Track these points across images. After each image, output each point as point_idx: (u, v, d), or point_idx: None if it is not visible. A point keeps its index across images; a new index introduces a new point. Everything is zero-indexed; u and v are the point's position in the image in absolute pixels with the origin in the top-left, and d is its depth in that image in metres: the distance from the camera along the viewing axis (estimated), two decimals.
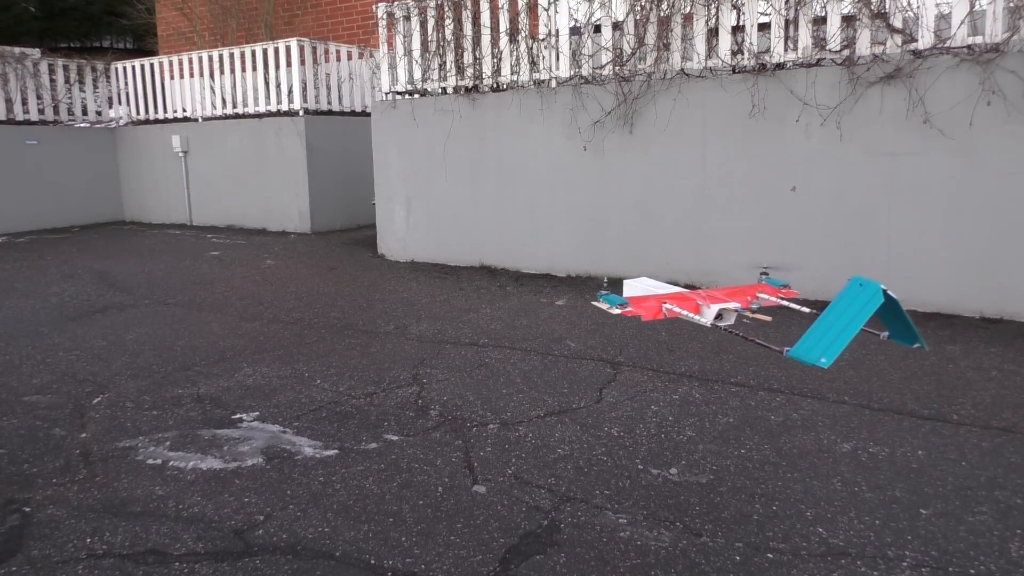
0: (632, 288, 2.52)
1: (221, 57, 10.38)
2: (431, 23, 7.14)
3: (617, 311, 2.34)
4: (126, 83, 11.52)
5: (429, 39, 7.21)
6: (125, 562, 2.30)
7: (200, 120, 10.77)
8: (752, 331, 2.51)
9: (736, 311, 2.35)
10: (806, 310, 2.51)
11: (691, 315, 2.31)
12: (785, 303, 2.49)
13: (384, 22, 7.48)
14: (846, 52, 5.14)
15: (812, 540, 2.34)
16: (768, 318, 2.41)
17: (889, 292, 2.18)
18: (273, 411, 3.53)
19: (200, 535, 2.44)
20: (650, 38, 5.88)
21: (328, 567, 2.25)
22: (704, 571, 2.19)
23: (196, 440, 3.21)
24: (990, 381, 3.71)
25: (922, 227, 5.02)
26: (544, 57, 6.53)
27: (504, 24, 6.67)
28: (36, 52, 11.03)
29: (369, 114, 8.44)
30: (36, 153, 10.62)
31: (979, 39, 4.74)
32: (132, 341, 4.80)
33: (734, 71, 5.65)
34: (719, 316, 2.33)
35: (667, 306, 2.33)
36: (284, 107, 9.77)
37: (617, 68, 6.09)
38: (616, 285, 2.48)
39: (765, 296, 2.47)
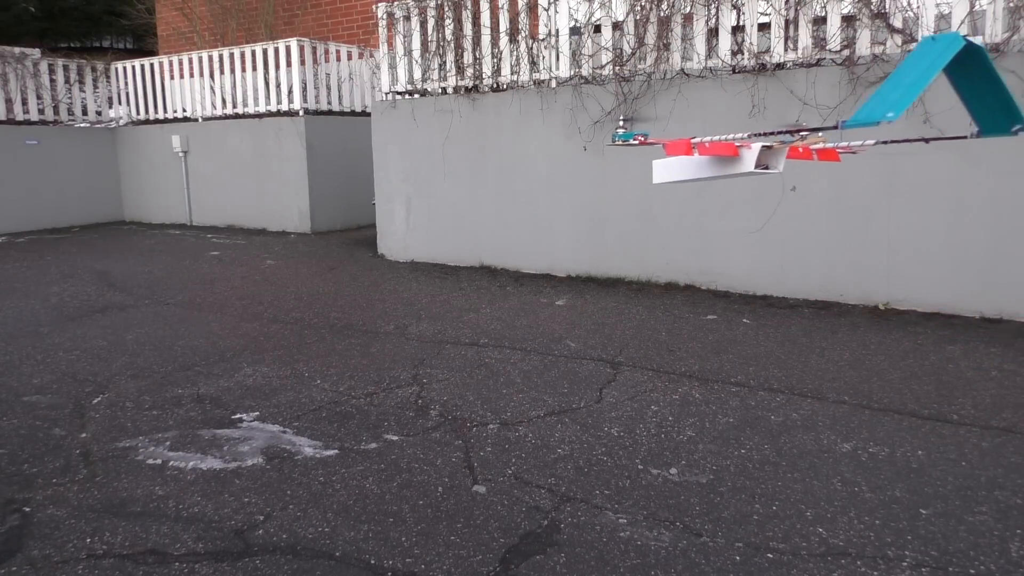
0: (660, 167, 2.19)
1: (221, 57, 10.38)
2: (431, 23, 7.14)
3: (635, 143, 2.12)
4: (126, 83, 11.52)
5: (429, 39, 7.21)
6: (125, 562, 2.30)
7: (200, 120, 10.77)
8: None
9: (783, 146, 1.98)
10: (869, 142, 2.16)
11: (725, 160, 1.95)
12: (845, 145, 2.10)
13: (384, 22, 7.48)
14: (846, 52, 5.14)
15: (812, 540, 2.34)
16: (822, 137, 2.03)
17: (971, 39, 1.74)
18: (273, 411, 3.53)
19: (200, 535, 2.44)
20: (650, 38, 5.88)
21: (328, 567, 2.25)
22: (704, 571, 2.19)
23: (196, 440, 3.21)
24: (990, 381, 3.71)
25: (922, 227, 5.02)
26: (544, 57, 6.53)
27: (504, 24, 6.67)
28: (36, 52, 11.02)
29: (369, 114, 8.44)
30: (36, 153, 10.62)
31: (979, 39, 4.74)
32: (132, 341, 4.80)
33: (734, 71, 5.65)
34: (764, 165, 1.99)
35: (697, 140, 2.04)
36: (284, 107, 9.77)
37: (617, 68, 6.09)
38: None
39: (818, 146, 2.15)
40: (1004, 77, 4.91)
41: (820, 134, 2.11)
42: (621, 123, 2.20)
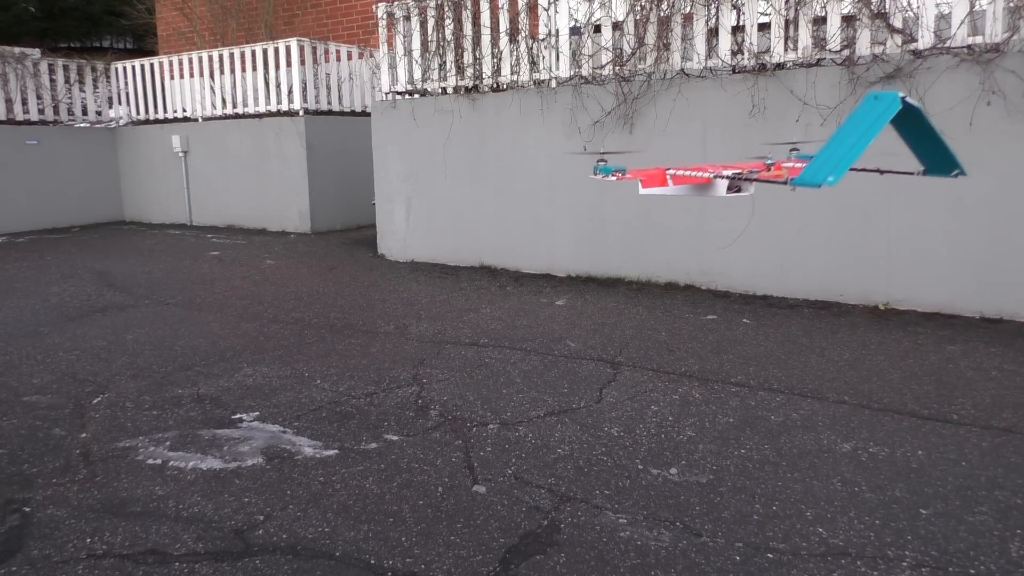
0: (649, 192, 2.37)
1: (221, 57, 10.38)
2: (431, 23, 7.14)
3: (612, 179, 2.20)
4: (126, 83, 11.52)
5: (429, 39, 7.21)
6: (125, 562, 2.30)
7: (200, 120, 10.77)
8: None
9: (752, 178, 2.18)
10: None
11: (701, 176, 2.12)
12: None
13: (384, 22, 7.48)
14: (846, 52, 5.14)
15: (812, 540, 2.34)
16: (783, 171, 2.22)
17: (909, 100, 1.92)
18: (273, 411, 3.53)
19: (200, 535, 2.44)
20: (650, 38, 5.88)
21: (328, 567, 2.25)
22: (704, 571, 2.19)
23: (196, 440, 3.21)
24: (990, 381, 3.71)
25: (922, 227, 5.02)
26: (544, 57, 6.53)
27: (504, 24, 6.66)
28: (36, 52, 11.02)
29: (369, 114, 8.44)
30: (36, 153, 10.62)
31: (979, 39, 4.74)
32: (132, 341, 4.80)
33: (734, 71, 5.65)
34: (736, 188, 2.18)
35: (672, 172, 2.17)
36: (284, 107, 9.77)
37: (617, 68, 6.09)
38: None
39: (790, 165, 2.29)
40: (1004, 77, 4.93)
41: (791, 159, 2.22)
42: (602, 156, 2.24)
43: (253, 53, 10.00)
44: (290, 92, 9.66)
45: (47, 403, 3.71)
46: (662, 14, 5.82)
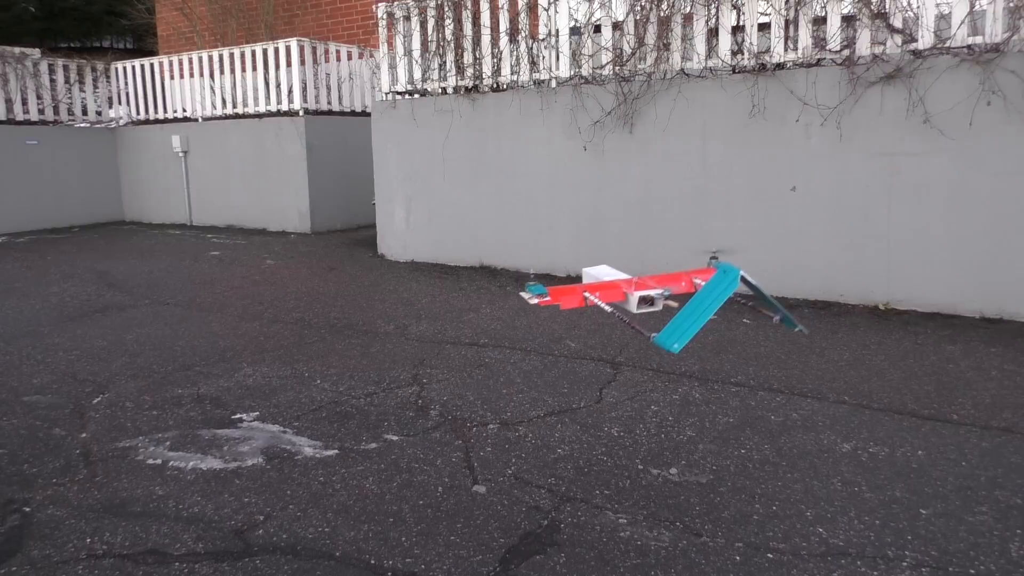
0: (588, 276, 2.52)
1: (221, 57, 10.38)
2: (431, 23, 7.14)
3: (535, 301, 2.27)
4: (126, 83, 11.52)
5: (429, 39, 7.21)
6: (125, 562, 2.30)
7: (200, 120, 10.77)
8: (645, 319, 2.45)
9: (663, 296, 2.34)
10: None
11: (614, 304, 2.30)
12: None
13: (384, 22, 7.48)
14: (846, 52, 5.14)
15: (812, 540, 2.34)
16: (675, 304, 2.40)
17: (748, 278, 2.23)
18: (273, 411, 3.53)
19: (200, 535, 2.44)
20: (650, 38, 5.88)
21: (328, 567, 2.25)
22: (704, 571, 2.19)
23: (196, 440, 3.21)
24: (990, 381, 3.71)
25: (922, 227, 5.02)
26: (544, 57, 6.53)
27: (504, 24, 6.66)
28: (36, 52, 11.02)
29: (369, 114, 8.44)
30: (36, 153, 10.62)
31: (979, 39, 4.74)
32: (132, 341, 4.80)
33: (734, 71, 5.65)
34: (649, 302, 2.32)
35: (587, 295, 2.31)
36: (284, 107, 9.77)
37: (617, 68, 6.09)
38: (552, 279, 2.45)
39: (699, 281, 2.43)
40: (1004, 77, 4.96)
41: (710, 266, 2.50)
42: (532, 276, 2.38)
43: (253, 53, 10.00)
44: (290, 92, 9.66)
45: (47, 403, 3.71)
46: (662, 14, 5.82)
